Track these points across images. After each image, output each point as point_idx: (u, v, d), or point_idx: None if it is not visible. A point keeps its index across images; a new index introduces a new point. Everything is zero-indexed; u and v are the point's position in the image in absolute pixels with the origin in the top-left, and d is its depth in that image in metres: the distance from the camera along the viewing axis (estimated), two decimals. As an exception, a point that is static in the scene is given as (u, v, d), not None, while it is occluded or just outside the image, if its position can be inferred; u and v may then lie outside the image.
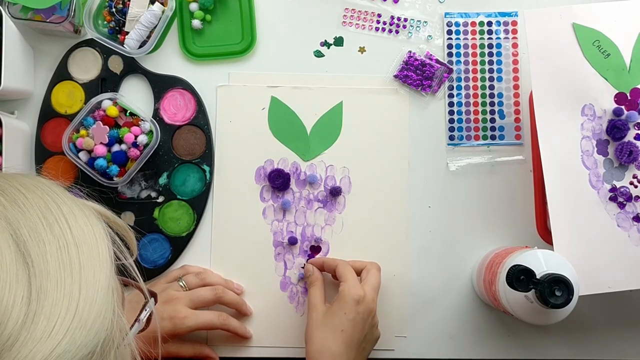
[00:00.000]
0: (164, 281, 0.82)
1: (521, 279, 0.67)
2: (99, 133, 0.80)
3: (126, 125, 0.81)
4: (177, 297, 0.78)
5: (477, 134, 0.86)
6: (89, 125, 0.81)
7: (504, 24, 0.87)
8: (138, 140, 0.81)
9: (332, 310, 0.75)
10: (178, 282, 0.80)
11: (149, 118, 0.82)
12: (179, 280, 0.81)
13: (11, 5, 0.79)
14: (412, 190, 0.86)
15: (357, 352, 0.74)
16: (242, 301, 0.83)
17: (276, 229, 0.85)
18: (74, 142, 0.81)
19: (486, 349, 0.84)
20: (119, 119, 0.81)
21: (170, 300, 0.78)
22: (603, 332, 0.84)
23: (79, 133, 0.81)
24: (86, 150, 0.81)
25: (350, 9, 0.88)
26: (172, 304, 0.77)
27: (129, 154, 0.81)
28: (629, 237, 0.76)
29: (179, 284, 0.80)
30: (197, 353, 0.81)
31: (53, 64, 0.86)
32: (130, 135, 0.80)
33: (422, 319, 0.84)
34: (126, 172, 0.81)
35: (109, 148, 0.81)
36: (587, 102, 0.77)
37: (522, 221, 0.84)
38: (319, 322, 0.75)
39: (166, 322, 0.76)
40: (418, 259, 0.85)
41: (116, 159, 0.81)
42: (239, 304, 0.82)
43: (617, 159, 0.77)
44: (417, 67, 0.86)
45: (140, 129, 0.81)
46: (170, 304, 0.77)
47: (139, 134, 0.81)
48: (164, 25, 0.84)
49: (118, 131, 0.81)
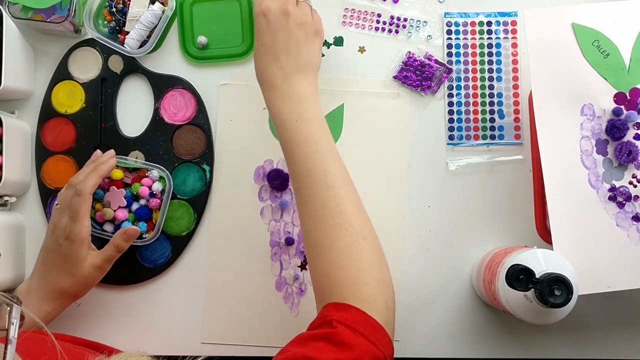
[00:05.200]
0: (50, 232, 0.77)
1: (521, 278, 0.67)
2: (116, 198, 0.81)
3: (135, 181, 0.82)
4: (53, 222, 0.75)
5: (477, 133, 0.86)
6: (100, 197, 0.81)
7: (503, 23, 0.87)
8: (153, 189, 0.82)
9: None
10: (56, 206, 0.76)
11: (153, 166, 0.82)
12: (57, 205, 0.77)
13: (11, 4, 0.80)
14: (411, 190, 0.86)
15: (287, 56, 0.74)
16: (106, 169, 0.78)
17: (273, 228, 0.85)
18: (93, 218, 0.81)
19: (486, 349, 0.84)
20: (125, 179, 0.82)
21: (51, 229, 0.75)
22: (603, 331, 0.84)
23: (95, 208, 0.81)
24: (108, 221, 0.81)
25: (350, 9, 0.88)
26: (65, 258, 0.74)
27: (151, 206, 0.82)
28: (628, 237, 0.76)
29: (57, 206, 0.76)
30: (119, 246, 0.77)
31: (53, 64, 0.86)
32: (144, 188, 0.81)
33: (421, 319, 0.84)
34: (155, 225, 0.82)
35: (129, 209, 0.82)
36: (586, 102, 0.77)
37: (522, 221, 0.85)
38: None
39: (68, 280, 0.74)
40: (418, 258, 0.85)
41: (140, 216, 0.82)
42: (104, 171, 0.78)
43: (617, 159, 0.77)
44: (417, 67, 0.87)
45: (150, 179, 0.82)
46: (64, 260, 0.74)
47: (151, 184, 0.82)
48: (164, 25, 0.84)
49: (130, 190, 0.82)
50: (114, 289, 0.84)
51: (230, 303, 0.84)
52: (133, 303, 0.84)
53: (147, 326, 0.84)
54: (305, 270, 0.85)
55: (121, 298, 0.84)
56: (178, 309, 0.84)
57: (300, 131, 0.71)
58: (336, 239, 0.67)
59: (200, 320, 0.84)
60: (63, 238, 0.74)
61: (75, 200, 0.74)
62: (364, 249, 0.67)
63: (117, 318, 0.84)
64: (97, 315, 0.83)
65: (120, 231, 0.78)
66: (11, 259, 0.81)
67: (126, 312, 0.84)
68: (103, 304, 0.84)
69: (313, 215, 0.68)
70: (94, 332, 0.83)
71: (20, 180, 0.83)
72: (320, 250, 0.67)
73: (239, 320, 0.84)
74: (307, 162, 0.70)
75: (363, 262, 0.66)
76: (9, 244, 0.81)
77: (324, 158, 0.70)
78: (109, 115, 0.85)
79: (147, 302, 0.84)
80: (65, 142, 0.85)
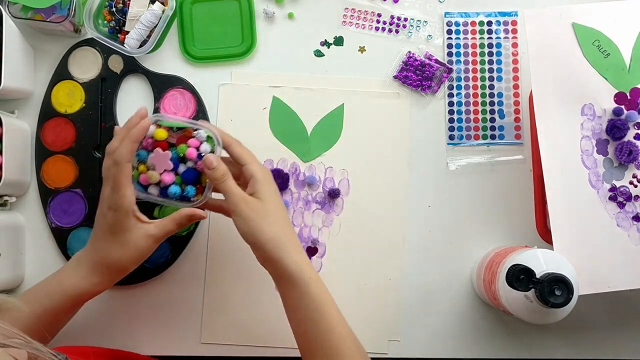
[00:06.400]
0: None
1: (521, 278, 0.67)
2: (161, 161, 0.73)
3: (181, 142, 0.74)
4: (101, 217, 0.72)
5: (477, 133, 0.86)
6: (144, 158, 0.74)
7: (503, 23, 0.87)
8: (201, 150, 0.73)
9: (263, 195, 0.70)
10: None
11: (199, 125, 0.74)
12: None
13: (11, 4, 0.80)
14: (412, 190, 0.86)
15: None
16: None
17: (275, 228, 0.85)
18: (137, 181, 0.74)
19: (486, 349, 0.84)
20: (170, 139, 0.75)
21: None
22: (603, 331, 0.84)
23: (138, 170, 0.74)
24: (153, 184, 0.74)
25: (350, 9, 0.88)
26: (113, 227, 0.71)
27: (199, 168, 0.74)
28: (628, 237, 0.76)
29: None
30: (181, 223, 0.73)
31: (53, 64, 0.86)
32: (192, 150, 0.73)
33: (422, 319, 0.84)
34: (205, 188, 0.74)
35: (175, 171, 0.74)
36: (586, 102, 0.77)
37: (522, 221, 0.85)
38: (259, 211, 0.69)
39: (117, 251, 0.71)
40: (418, 258, 0.85)
41: (188, 179, 0.74)
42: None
43: (617, 159, 0.77)
44: (417, 67, 0.86)
45: (197, 140, 0.74)
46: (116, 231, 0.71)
47: (198, 145, 0.74)
48: (164, 24, 0.84)
49: (176, 151, 0.74)
50: (114, 289, 0.84)
51: (230, 303, 0.84)
52: (133, 303, 0.84)
53: (147, 326, 0.84)
54: (305, 270, 0.85)
55: (121, 298, 0.84)
56: (178, 309, 0.84)
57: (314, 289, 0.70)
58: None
59: (200, 320, 0.84)
60: (107, 208, 0.71)
61: (113, 170, 0.70)
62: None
63: (117, 318, 0.84)
64: (97, 315, 0.83)
65: (188, 212, 0.73)
66: (11, 259, 0.81)
67: (126, 312, 0.84)
68: (103, 304, 0.84)
69: None
70: (93, 332, 0.83)
71: (20, 180, 0.83)
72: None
73: (239, 320, 0.84)
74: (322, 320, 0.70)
75: None
76: (9, 244, 0.81)
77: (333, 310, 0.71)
78: (109, 115, 0.85)
79: (147, 302, 0.84)
80: (65, 142, 0.85)
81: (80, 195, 0.85)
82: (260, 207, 0.70)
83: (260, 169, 0.72)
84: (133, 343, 0.84)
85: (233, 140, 0.74)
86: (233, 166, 0.73)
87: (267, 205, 0.70)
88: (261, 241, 0.69)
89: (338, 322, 0.70)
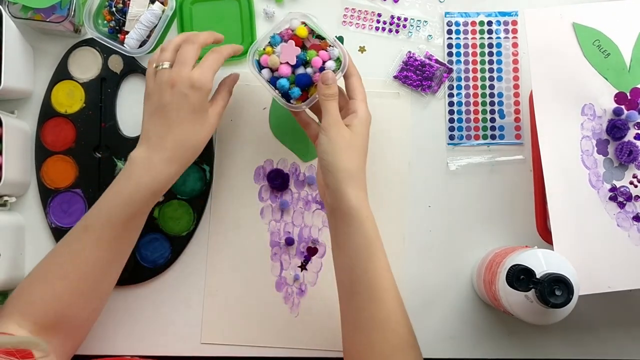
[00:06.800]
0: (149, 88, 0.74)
1: (521, 278, 0.67)
2: (289, 53, 0.75)
3: (314, 48, 0.76)
4: (171, 78, 0.71)
5: (477, 133, 0.86)
6: (276, 43, 0.76)
7: (504, 23, 0.87)
8: (326, 65, 0.75)
9: (357, 130, 0.72)
10: (158, 69, 0.73)
11: (337, 44, 0.76)
12: (158, 67, 0.73)
13: (11, 4, 0.80)
14: (412, 190, 0.86)
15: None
16: (235, 46, 0.79)
17: (273, 229, 0.85)
18: (257, 59, 0.77)
19: (486, 349, 0.84)
20: (306, 41, 0.77)
21: (170, 85, 0.71)
22: (603, 331, 0.84)
23: (264, 50, 0.77)
24: (270, 68, 0.76)
25: (350, 9, 0.88)
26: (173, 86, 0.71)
27: (314, 78, 0.76)
28: (628, 237, 0.76)
29: (159, 69, 0.73)
30: (230, 85, 0.79)
31: (53, 64, 0.86)
32: (318, 59, 0.75)
33: (422, 319, 0.84)
34: (308, 98, 0.76)
35: (293, 69, 0.76)
36: (587, 102, 0.77)
37: (522, 221, 0.84)
38: (347, 140, 0.71)
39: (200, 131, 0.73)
40: (418, 258, 0.85)
41: (300, 82, 0.76)
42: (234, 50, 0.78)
43: (617, 159, 0.77)
44: (417, 67, 0.86)
45: (328, 54, 0.76)
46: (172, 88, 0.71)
47: (327, 59, 0.76)
48: (164, 24, 0.84)
49: (305, 53, 0.76)
50: (114, 289, 0.84)
51: (230, 303, 0.84)
52: (133, 303, 0.84)
53: (147, 326, 0.84)
54: (305, 271, 0.85)
55: (121, 298, 0.84)
56: (178, 309, 0.84)
57: None
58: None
59: (200, 320, 0.84)
60: (189, 87, 0.70)
61: (212, 55, 0.74)
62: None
63: (117, 318, 0.84)
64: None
65: (233, 77, 0.80)
66: (11, 259, 0.81)
67: (126, 312, 0.84)
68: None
69: None
70: (93, 333, 0.83)
71: (20, 180, 0.83)
72: None
73: (239, 320, 0.84)
74: None
75: None
76: (9, 244, 0.81)
77: None
78: (109, 115, 0.85)
79: (147, 302, 0.84)
80: (65, 142, 0.85)
81: (80, 196, 0.85)
82: (348, 137, 0.71)
83: (365, 109, 0.74)
84: (133, 343, 0.84)
85: (356, 72, 0.76)
86: (342, 97, 0.76)
87: (355, 139, 0.72)
88: (336, 167, 0.70)
89: (384, 267, 0.71)
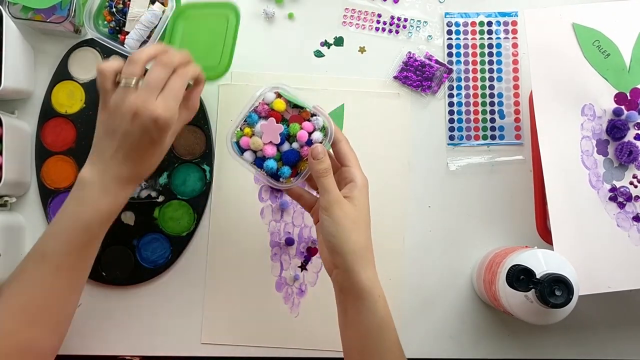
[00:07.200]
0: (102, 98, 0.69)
1: (521, 278, 0.67)
2: (271, 131, 0.71)
3: (295, 121, 0.71)
4: (135, 107, 0.65)
5: (477, 133, 0.86)
6: (254, 122, 0.72)
7: (504, 24, 0.87)
8: (313, 137, 0.71)
9: (359, 202, 0.67)
10: (121, 85, 0.67)
11: (320, 112, 0.72)
12: (121, 81, 0.67)
13: (12, 5, 0.80)
14: (412, 190, 0.86)
15: None
16: (198, 69, 0.72)
17: (273, 229, 0.85)
18: (236, 141, 0.72)
19: (486, 349, 0.84)
20: (285, 113, 0.72)
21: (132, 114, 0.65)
22: (603, 332, 0.84)
23: (243, 131, 0.72)
24: (252, 150, 0.72)
25: (351, 9, 0.88)
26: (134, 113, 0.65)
27: (303, 153, 0.71)
28: (628, 237, 0.76)
29: (123, 85, 0.67)
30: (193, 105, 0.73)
31: (53, 64, 0.86)
32: (304, 133, 0.70)
33: (422, 319, 0.84)
34: (300, 174, 0.72)
35: (278, 147, 0.72)
36: (587, 102, 0.77)
37: (522, 221, 0.85)
38: (352, 218, 0.66)
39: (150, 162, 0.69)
40: (418, 258, 0.85)
41: (289, 160, 0.71)
42: (197, 73, 0.72)
43: (617, 159, 0.77)
44: (417, 67, 0.86)
45: (312, 124, 0.71)
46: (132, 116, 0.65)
47: (312, 130, 0.71)
48: (164, 25, 0.84)
49: (288, 128, 0.71)
50: (114, 290, 0.84)
51: (230, 303, 0.84)
52: (133, 303, 0.84)
53: (147, 326, 0.84)
54: (305, 271, 0.85)
55: (121, 298, 0.84)
56: (178, 309, 0.84)
57: None
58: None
59: (200, 320, 0.84)
60: (151, 122, 0.65)
61: (175, 83, 0.67)
62: None
63: (117, 318, 0.84)
64: (97, 315, 0.83)
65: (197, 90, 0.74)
66: (11, 259, 0.81)
67: (126, 312, 0.84)
68: (103, 305, 0.84)
69: None
70: (93, 333, 0.83)
71: (20, 181, 0.83)
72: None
73: (239, 320, 0.84)
74: None
75: None
76: (9, 244, 0.81)
77: None
78: (109, 115, 0.85)
79: (147, 302, 0.84)
80: (65, 142, 0.85)
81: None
82: (353, 214, 0.67)
83: (362, 175, 0.70)
84: (133, 343, 0.84)
85: (343, 137, 0.72)
86: (332, 163, 0.71)
87: (360, 214, 0.67)
88: (345, 250, 0.66)
89: (395, 344, 0.67)
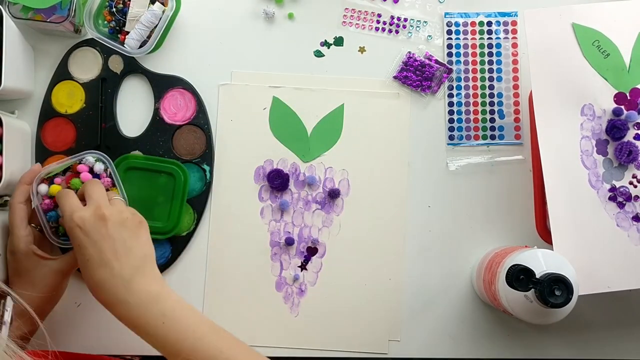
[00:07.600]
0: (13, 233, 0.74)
1: (521, 278, 0.67)
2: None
3: (72, 178, 0.78)
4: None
5: (477, 133, 0.86)
6: (56, 218, 0.77)
7: (503, 24, 0.87)
8: (95, 170, 0.78)
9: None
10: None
11: (81, 155, 0.78)
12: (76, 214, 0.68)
13: (12, 4, 0.80)
14: (411, 190, 0.86)
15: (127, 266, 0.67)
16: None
17: (273, 229, 0.85)
18: (64, 235, 0.76)
19: (486, 349, 0.84)
20: (63, 186, 0.78)
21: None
22: (603, 331, 0.84)
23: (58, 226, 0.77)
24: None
25: (350, 9, 0.88)
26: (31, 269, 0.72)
27: (105, 186, 0.76)
28: (628, 237, 0.76)
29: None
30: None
31: (53, 64, 0.86)
32: (85, 174, 0.78)
33: (422, 319, 0.84)
34: None
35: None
36: (586, 102, 0.77)
37: (522, 221, 0.85)
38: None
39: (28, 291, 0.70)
40: (418, 258, 0.85)
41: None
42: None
43: (617, 159, 0.77)
44: (417, 67, 0.87)
45: (86, 165, 0.78)
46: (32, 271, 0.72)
47: (89, 167, 0.79)
48: (164, 25, 0.84)
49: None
50: (114, 289, 0.84)
51: (230, 303, 0.84)
52: (133, 303, 0.84)
53: (147, 326, 0.84)
54: (305, 271, 0.85)
55: (121, 298, 0.84)
56: (178, 309, 0.84)
57: (173, 329, 0.65)
58: None
59: (200, 320, 0.84)
60: (9, 253, 0.74)
61: (8, 214, 0.75)
62: None
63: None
64: (97, 315, 0.83)
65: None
66: (11, 259, 0.81)
67: (126, 312, 0.84)
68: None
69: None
70: (93, 333, 0.83)
71: (20, 181, 0.83)
72: None
73: (238, 320, 0.84)
74: (196, 353, 0.64)
75: None
76: (9, 244, 0.81)
77: (209, 338, 0.66)
78: (109, 115, 0.85)
79: (147, 302, 0.84)
80: (65, 142, 0.85)
81: (80, 196, 0.85)
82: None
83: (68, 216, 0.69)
84: (133, 343, 0.83)
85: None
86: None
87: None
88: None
89: None
